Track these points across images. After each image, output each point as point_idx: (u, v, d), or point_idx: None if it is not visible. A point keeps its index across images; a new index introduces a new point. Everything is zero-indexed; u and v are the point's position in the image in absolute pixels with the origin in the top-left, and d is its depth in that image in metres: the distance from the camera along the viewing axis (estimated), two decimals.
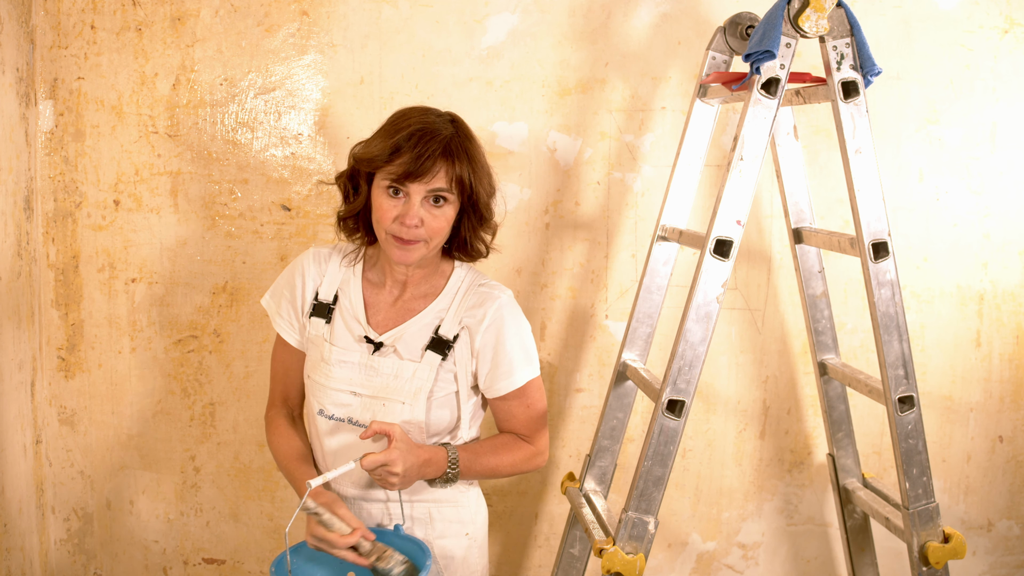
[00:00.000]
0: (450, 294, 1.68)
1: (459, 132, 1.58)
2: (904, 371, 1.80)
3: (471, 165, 1.57)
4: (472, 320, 1.64)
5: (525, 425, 1.71)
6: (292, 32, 2.21)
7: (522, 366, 1.65)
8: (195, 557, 2.36)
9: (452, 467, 1.62)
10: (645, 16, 2.24)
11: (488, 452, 1.67)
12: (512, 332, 1.64)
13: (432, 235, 1.57)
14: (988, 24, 2.28)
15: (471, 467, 1.64)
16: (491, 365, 1.64)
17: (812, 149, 2.30)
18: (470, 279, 1.70)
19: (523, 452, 1.70)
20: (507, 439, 1.71)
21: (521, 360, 1.65)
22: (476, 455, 1.65)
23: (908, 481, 1.83)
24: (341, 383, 1.64)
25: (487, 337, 1.63)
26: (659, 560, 2.42)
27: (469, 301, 1.66)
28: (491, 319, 1.63)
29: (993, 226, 2.35)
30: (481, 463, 1.66)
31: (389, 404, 1.61)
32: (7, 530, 2.10)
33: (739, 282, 2.34)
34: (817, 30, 1.72)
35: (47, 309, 2.27)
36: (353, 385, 1.63)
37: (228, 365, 2.30)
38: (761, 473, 2.41)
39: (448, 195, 1.56)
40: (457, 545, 1.71)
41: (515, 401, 1.69)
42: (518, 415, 1.70)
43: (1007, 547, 2.47)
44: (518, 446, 1.70)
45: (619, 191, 2.29)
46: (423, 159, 1.52)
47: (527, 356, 1.66)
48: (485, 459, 1.66)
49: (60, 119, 2.21)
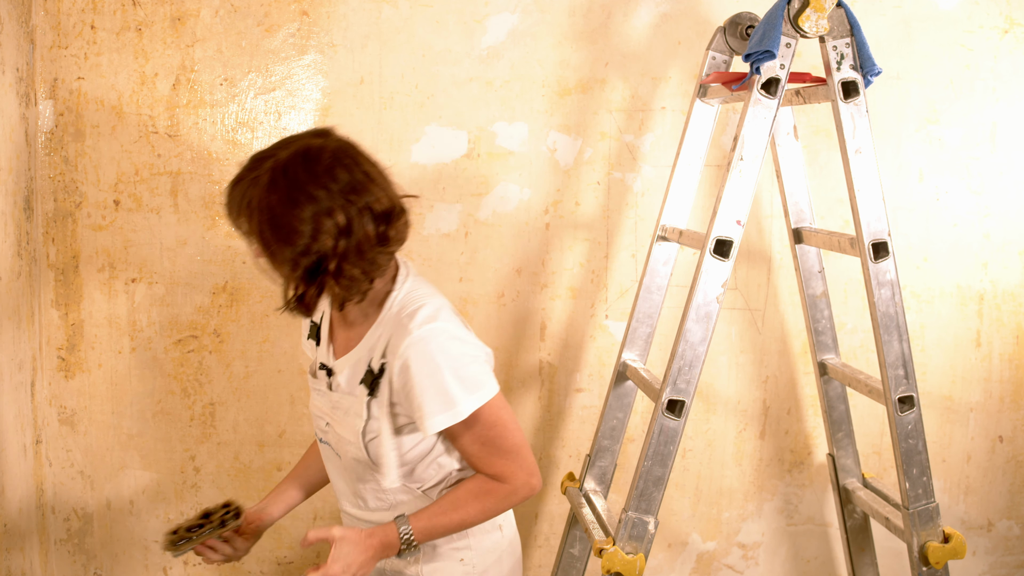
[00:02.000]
0: (381, 323, 1.53)
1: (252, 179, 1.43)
2: (904, 371, 1.80)
3: (255, 218, 1.42)
4: (390, 357, 1.49)
5: (486, 463, 1.54)
6: (292, 32, 2.21)
7: (435, 411, 1.47)
8: (195, 557, 2.36)
9: (406, 542, 1.51)
10: (645, 16, 2.24)
11: (449, 509, 1.53)
12: (421, 374, 1.46)
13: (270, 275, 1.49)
14: (988, 24, 2.28)
15: (431, 532, 1.53)
16: (408, 407, 1.50)
17: (812, 149, 2.30)
18: (402, 303, 1.53)
19: (494, 497, 1.54)
20: (472, 485, 1.55)
21: (434, 405, 1.46)
22: (434, 517, 1.53)
23: (908, 481, 1.83)
24: (317, 410, 1.64)
25: (398, 378, 1.49)
26: (659, 560, 2.42)
27: (392, 332, 1.50)
28: (402, 361, 1.47)
29: (993, 226, 2.35)
30: (443, 523, 1.53)
31: (344, 440, 1.57)
32: (7, 530, 2.10)
33: (739, 282, 2.34)
34: (817, 30, 1.72)
35: (47, 309, 2.27)
36: (324, 415, 1.62)
37: (228, 365, 2.30)
38: (761, 473, 2.41)
39: (254, 246, 1.46)
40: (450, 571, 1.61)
41: (463, 436, 1.53)
42: (473, 452, 1.54)
43: (1007, 547, 2.47)
44: (486, 491, 1.54)
45: (619, 191, 2.29)
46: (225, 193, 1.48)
47: (444, 400, 1.47)
48: (447, 518, 1.53)
49: (60, 119, 2.21)
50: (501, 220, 2.27)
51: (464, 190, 2.26)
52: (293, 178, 1.41)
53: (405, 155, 2.24)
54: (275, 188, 1.41)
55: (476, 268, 2.28)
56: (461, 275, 2.28)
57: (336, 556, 1.46)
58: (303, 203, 1.41)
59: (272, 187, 1.41)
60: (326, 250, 1.42)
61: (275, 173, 1.42)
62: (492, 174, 2.26)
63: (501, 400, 1.53)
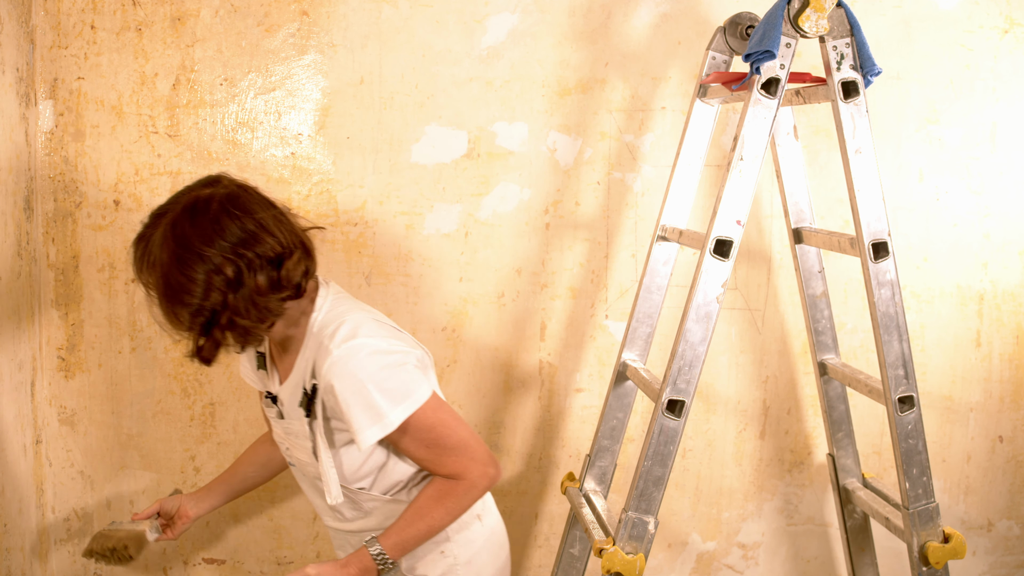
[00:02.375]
0: (307, 345, 1.56)
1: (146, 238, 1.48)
2: (904, 371, 1.80)
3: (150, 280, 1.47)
4: (318, 374, 1.52)
5: (438, 464, 1.56)
6: (292, 32, 2.21)
7: (365, 425, 1.49)
8: (195, 557, 2.36)
9: (381, 562, 1.54)
10: (645, 16, 2.24)
11: (415, 519, 1.56)
12: (346, 392, 1.48)
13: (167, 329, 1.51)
14: (988, 24, 2.28)
15: (404, 544, 1.56)
16: (341, 421, 1.53)
17: (812, 149, 2.30)
18: (321, 322, 1.55)
19: (454, 496, 1.56)
20: (431, 491, 1.57)
21: (363, 420, 1.48)
22: (402, 531, 1.55)
23: (908, 481, 1.83)
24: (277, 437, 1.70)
25: (327, 398, 1.52)
26: (659, 560, 2.42)
27: (315, 353, 1.53)
28: (324, 382, 1.50)
29: (993, 226, 2.35)
30: (412, 534, 1.56)
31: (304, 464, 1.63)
32: (7, 530, 2.10)
33: (739, 282, 2.34)
34: (817, 30, 1.72)
35: (47, 309, 2.27)
36: (282, 440, 1.67)
37: (228, 365, 2.29)
38: (761, 473, 2.41)
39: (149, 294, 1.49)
40: (432, 562, 1.65)
41: (404, 442, 1.56)
42: (420, 456, 1.56)
43: (1007, 547, 2.47)
44: (446, 492, 1.56)
45: (619, 191, 2.29)
46: None
47: (372, 414, 1.49)
48: (414, 528, 1.56)
49: (60, 119, 2.21)
50: (501, 220, 2.27)
51: (464, 190, 2.26)
52: (181, 235, 1.43)
53: (405, 155, 2.24)
54: (166, 246, 1.43)
55: (476, 268, 2.28)
56: (461, 275, 2.28)
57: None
58: (191, 262, 1.42)
59: (164, 245, 1.43)
60: (216, 305, 1.44)
61: (166, 230, 1.44)
62: (492, 174, 2.26)
63: (436, 401, 1.55)
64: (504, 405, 2.34)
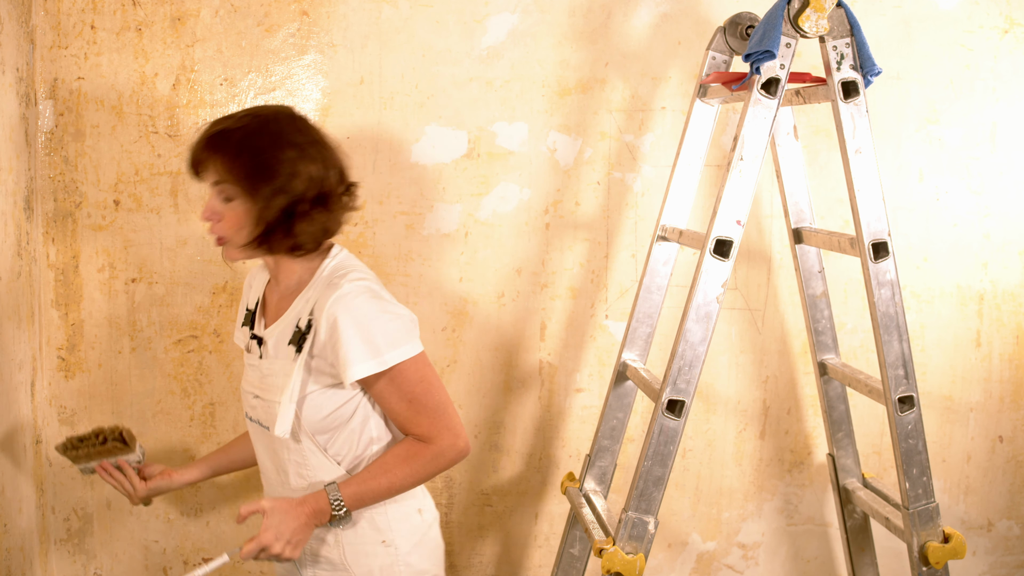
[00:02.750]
0: (312, 286, 1.63)
1: (246, 127, 1.56)
2: (904, 371, 1.80)
3: (242, 155, 1.54)
4: (317, 311, 1.57)
5: (412, 422, 1.60)
6: (292, 32, 2.21)
7: (360, 358, 1.53)
8: (195, 557, 2.36)
9: (336, 507, 1.56)
10: (645, 16, 2.24)
11: (378, 473, 1.59)
12: (348, 321, 1.53)
13: (227, 230, 1.57)
14: (988, 24, 2.28)
15: (362, 497, 1.58)
16: (331, 355, 1.56)
17: (812, 149, 2.30)
18: (332, 269, 1.63)
19: (421, 459, 1.59)
20: (400, 450, 1.61)
21: (358, 352, 1.53)
22: (364, 483, 1.58)
23: (908, 481, 1.83)
24: (249, 385, 1.69)
25: (325, 327, 1.55)
26: (659, 560, 2.42)
27: (320, 293, 1.59)
28: (328, 309, 1.55)
29: (993, 226, 2.35)
30: (372, 487, 1.58)
31: (272, 404, 1.61)
32: (7, 530, 2.10)
33: (739, 282, 2.34)
34: (817, 30, 1.72)
35: (47, 309, 2.27)
36: (254, 387, 1.67)
37: (228, 365, 2.30)
38: (761, 473, 2.41)
39: (227, 187, 1.55)
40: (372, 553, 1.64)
41: (387, 391, 1.59)
42: (400, 409, 1.60)
43: (1007, 547, 2.47)
44: (413, 454, 1.60)
45: (619, 191, 2.29)
46: (194, 150, 1.57)
47: (372, 347, 1.54)
48: (375, 482, 1.58)
49: (60, 119, 2.21)
50: (501, 220, 2.28)
51: (464, 190, 2.26)
52: (278, 128, 1.57)
53: (405, 155, 2.24)
54: (262, 132, 1.55)
55: (476, 268, 2.28)
56: (461, 275, 2.28)
57: (267, 525, 1.53)
58: (286, 147, 1.55)
59: (259, 131, 1.55)
60: (298, 194, 1.55)
61: (261, 120, 1.57)
62: (492, 174, 2.26)
63: (426, 359, 1.62)
64: (504, 405, 2.34)
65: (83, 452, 1.83)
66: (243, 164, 1.53)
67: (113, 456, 1.83)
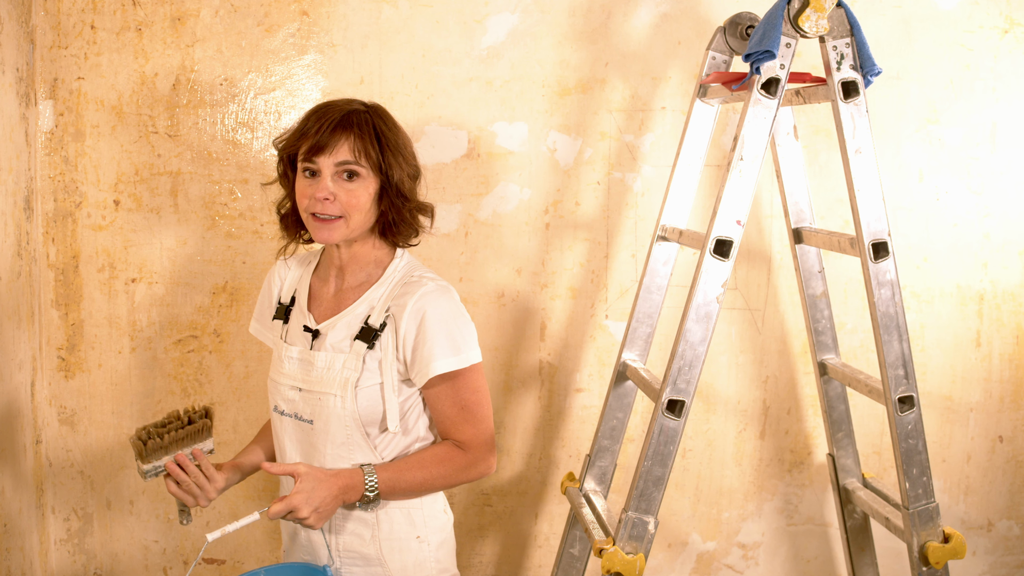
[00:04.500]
0: (384, 283, 1.65)
1: (370, 112, 1.61)
2: (904, 371, 1.80)
3: (379, 140, 1.59)
4: (397, 307, 1.60)
5: (458, 428, 1.64)
6: (292, 32, 2.21)
7: (447, 354, 1.59)
8: (195, 557, 2.36)
9: (370, 489, 1.57)
10: (645, 16, 2.24)
11: (415, 467, 1.61)
12: (435, 318, 1.59)
13: (348, 211, 1.58)
14: (988, 24, 2.28)
15: (395, 485, 1.60)
16: (413, 350, 1.59)
17: (812, 149, 2.30)
18: (407, 269, 1.67)
19: (456, 463, 1.63)
20: (439, 450, 1.65)
21: (443, 348, 1.59)
22: (400, 472, 1.60)
23: (908, 481, 1.83)
24: (287, 378, 1.67)
25: (410, 322, 1.59)
26: (659, 560, 2.42)
27: (398, 290, 1.63)
28: (414, 305, 1.59)
29: (993, 226, 2.35)
30: (406, 479, 1.60)
31: (324, 398, 1.61)
32: (7, 530, 2.10)
33: (739, 282, 2.34)
34: (817, 30, 1.72)
35: (47, 309, 2.27)
36: (296, 380, 1.66)
37: (228, 365, 2.30)
38: (761, 473, 2.41)
39: (358, 168, 1.57)
40: (407, 549, 1.67)
41: (445, 394, 1.63)
42: (451, 414, 1.64)
43: (1007, 547, 2.47)
44: (450, 457, 1.64)
45: (619, 191, 2.29)
46: (322, 131, 1.57)
47: (453, 345, 1.60)
48: (411, 474, 1.61)
49: (60, 119, 2.21)
50: (501, 220, 2.28)
51: (464, 190, 2.26)
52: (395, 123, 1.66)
53: None
54: (387, 119, 1.64)
55: (476, 268, 2.28)
56: (461, 275, 2.28)
57: (299, 488, 1.51)
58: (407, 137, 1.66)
59: (386, 117, 1.64)
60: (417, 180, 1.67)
61: (382, 109, 1.65)
62: (492, 174, 2.26)
63: (482, 370, 1.67)
64: (504, 405, 2.34)
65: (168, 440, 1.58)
66: (370, 144, 1.57)
67: (195, 442, 1.62)
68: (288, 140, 1.63)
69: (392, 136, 1.61)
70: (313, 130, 1.57)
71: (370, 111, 1.62)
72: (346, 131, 1.57)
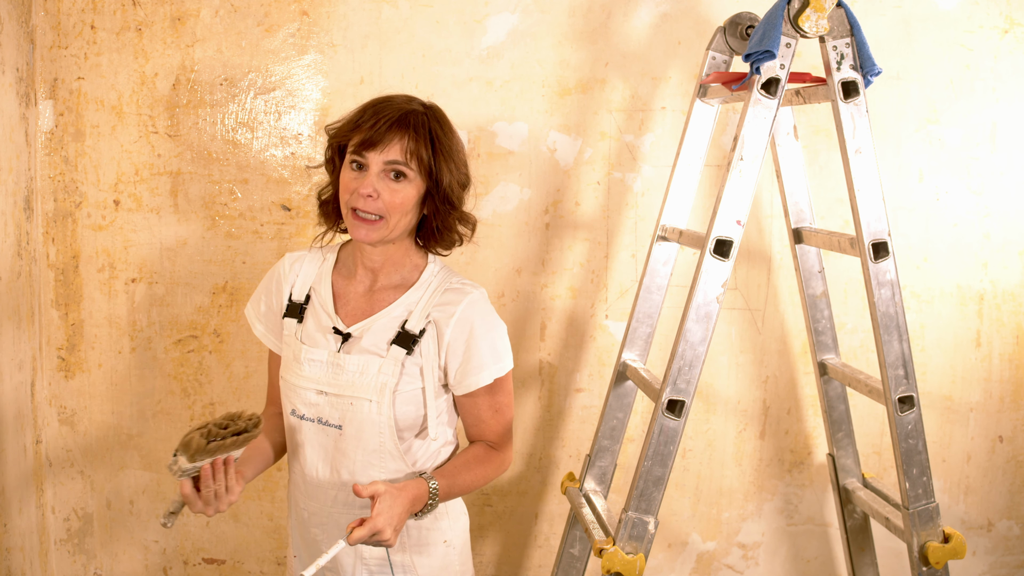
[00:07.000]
0: (421, 288, 1.63)
1: (427, 113, 1.58)
2: (904, 371, 1.80)
3: (433, 143, 1.55)
4: (441, 315, 1.59)
5: (493, 429, 1.67)
6: (292, 32, 2.21)
7: (492, 363, 1.62)
8: (195, 557, 2.36)
9: (432, 496, 1.56)
10: (645, 16, 2.24)
11: (462, 470, 1.64)
12: (483, 328, 1.61)
13: (390, 210, 1.54)
14: (988, 24, 2.28)
15: (450, 490, 1.61)
16: (462, 360, 1.60)
17: (812, 149, 2.30)
18: (444, 275, 1.66)
19: (493, 463, 1.67)
20: (477, 451, 1.67)
21: (491, 357, 1.62)
22: (453, 477, 1.61)
23: (908, 481, 1.83)
24: (309, 382, 1.62)
25: (457, 332, 1.59)
26: (659, 560, 2.42)
27: (439, 296, 1.62)
28: (462, 314, 1.59)
29: (993, 226, 2.35)
30: (458, 483, 1.62)
31: (357, 403, 1.58)
32: (7, 530, 2.10)
33: (739, 282, 2.34)
34: (817, 30, 1.72)
35: (47, 309, 2.27)
36: (320, 384, 1.61)
37: (228, 365, 2.30)
38: (761, 473, 2.41)
39: (406, 170, 1.54)
40: (435, 554, 1.67)
41: (484, 400, 1.65)
42: (486, 417, 1.67)
43: (1007, 547, 2.47)
44: (488, 457, 1.67)
45: (619, 191, 2.29)
46: (377, 127, 1.53)
47: (496, 354, 1.63)
48: (461, 478, 1.62)
49: (60, 119, 2.21)
50: (501, 220, 2.28)
51: None
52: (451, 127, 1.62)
53: None
54: (444, 122, 1.60)
55: (476, 268, 2.28)
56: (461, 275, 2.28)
57: (379, 510, 1.46)
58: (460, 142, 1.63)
59: (442, 120, 1.60)
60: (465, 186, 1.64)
61: (438, 110, 1.61)
62: (492, 174, 2.26)
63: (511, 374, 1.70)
64: None
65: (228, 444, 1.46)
66: (424, 146, 1.55)
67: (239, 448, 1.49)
68: (340, 129, 1.59)
69: (447, 141, 1.58)
70: (368, 124, 1.54)
71: (428, 112, 1.58)
72: (401, 130, 1.53)
